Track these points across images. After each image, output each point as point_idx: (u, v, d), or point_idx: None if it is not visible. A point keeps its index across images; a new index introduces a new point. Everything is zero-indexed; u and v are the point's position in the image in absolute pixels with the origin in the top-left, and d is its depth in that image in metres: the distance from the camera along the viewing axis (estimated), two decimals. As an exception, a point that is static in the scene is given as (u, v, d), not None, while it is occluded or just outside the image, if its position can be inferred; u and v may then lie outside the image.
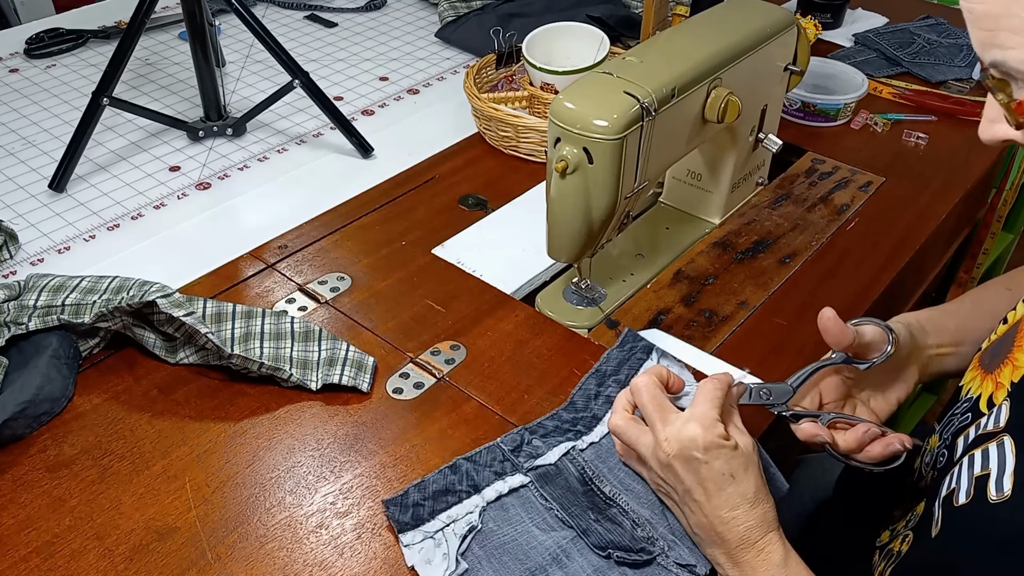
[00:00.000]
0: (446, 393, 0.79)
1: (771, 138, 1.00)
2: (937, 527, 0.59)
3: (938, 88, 1.28)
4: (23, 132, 1.20)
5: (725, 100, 0.83)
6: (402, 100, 1.30)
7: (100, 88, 1.06)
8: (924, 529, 0.62)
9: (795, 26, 0.94)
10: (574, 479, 0.69)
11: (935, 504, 0.61)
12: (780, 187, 1.08)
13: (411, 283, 0.91)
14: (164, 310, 0.75)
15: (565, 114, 0.75)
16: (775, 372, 0.81)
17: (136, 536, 0.66)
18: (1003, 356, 0.61)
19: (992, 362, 0.62)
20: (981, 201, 1.30)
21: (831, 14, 1.46)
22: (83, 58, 1.40)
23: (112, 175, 1.11)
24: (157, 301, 0.75)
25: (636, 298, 0.91)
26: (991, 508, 0.54)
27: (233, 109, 1.23)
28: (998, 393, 0.60)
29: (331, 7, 1.59)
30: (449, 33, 1.45)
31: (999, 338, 0.63)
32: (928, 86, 1.29)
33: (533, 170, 1.11)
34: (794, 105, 1.20)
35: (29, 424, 0.73)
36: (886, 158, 1.14)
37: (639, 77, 0.77)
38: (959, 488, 0.58)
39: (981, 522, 0.54)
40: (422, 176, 1.10)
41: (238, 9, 1.13)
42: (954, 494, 0.58)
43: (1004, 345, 0.61)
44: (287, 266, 0.94)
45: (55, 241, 0.99)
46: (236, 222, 1.04)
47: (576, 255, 0.84)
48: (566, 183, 0.77)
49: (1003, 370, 0.60)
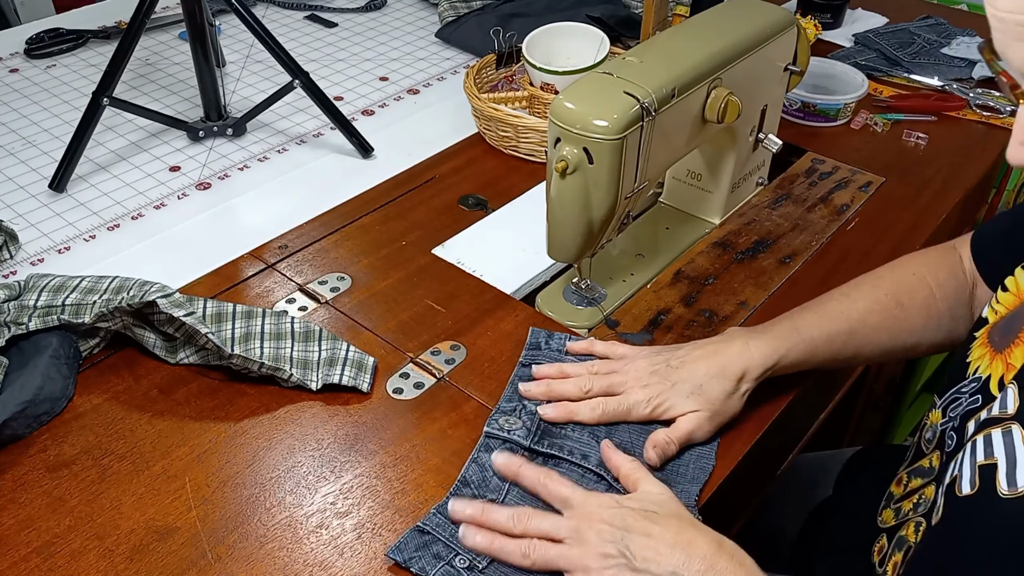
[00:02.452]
0: (446, 393, 0.79)
1: (771, 138, 1.00)
2: (938, 515, 0.58)
3: (938, 89, 1.28)
4: (23, 132, 1.20)
5: (725, 100, 0.83)
6: (402, 100, 1.30)
7: (100, 88, 1.06)
8: (931, 517, 0.61)
9: (795, 26, 0.94)
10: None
11: (940, 490, 0.60)
12: (780, 187, 1.08)
13: (411, 283, 0.91)
14: (164, 310, 0.75)
15: (565, 114, 0.75)
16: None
17: (136, 536, 0.66)
18: (1015, 334, 0.58)
19: (1003, 340, 0.60)
20: (981, 201, 1.30)
21: (831, 14, 1.46)
22: (83, 58, 1.40)
23: (112, 175, 1.11)
24: (157, 301, 0.75)
25: (636, 298, 0.91)
26: (1003, 503, 0.51)
27: (233, 109, 1.23)
28: (1008, 375, 0.57)
29: (331, 7, 1.59)
30: (449, 33, 1.45)
31: (1010, 312, 0.61)
32: (928, 88, 1.29)
33: (533, 170, 1.11)
34: (794, 105, 1.20)
35: (29, 424, 0.73)
36: (886, 158, 1.14)
37: (639, 77, 0.77)
38: (961, 475, 0.56)
39: (992, 517, 0.52)
40: (422, 176, 1.10)
41: (238, 9, 1.13)
42: (956, 482, 0.56)
43: (1017, 320, 0.59)
44: (287, 266, 0.94)
45: (55, 241, 0.99)
46: (236, 222, 1.04)
47: (576, 255, 0.84)
48: (566, 183, 0.77)
49: (1014, 350, 0.57)
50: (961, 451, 0.58)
